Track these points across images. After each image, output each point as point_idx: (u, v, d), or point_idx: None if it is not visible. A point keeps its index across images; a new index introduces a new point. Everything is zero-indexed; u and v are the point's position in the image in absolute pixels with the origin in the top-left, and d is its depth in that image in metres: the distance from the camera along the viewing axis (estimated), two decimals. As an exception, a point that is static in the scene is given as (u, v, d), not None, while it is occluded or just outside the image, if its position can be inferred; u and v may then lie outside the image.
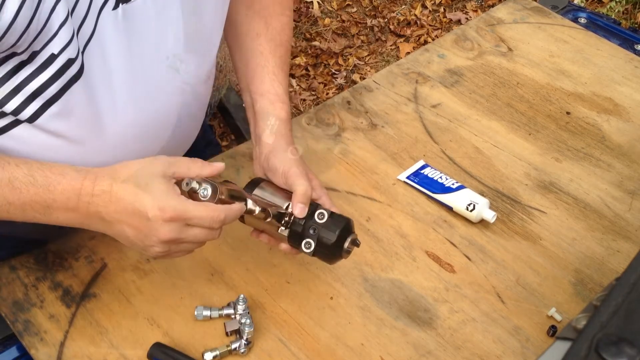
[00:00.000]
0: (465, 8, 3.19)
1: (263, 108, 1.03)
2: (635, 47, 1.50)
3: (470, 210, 1.12)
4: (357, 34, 3.04)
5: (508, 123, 1.31)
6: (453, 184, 1.16)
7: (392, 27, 3.06)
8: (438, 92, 1.37)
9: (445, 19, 3.13)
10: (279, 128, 1.01)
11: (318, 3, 3.13)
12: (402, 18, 3.10)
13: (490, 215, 1.11)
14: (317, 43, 2.95)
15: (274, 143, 1.00)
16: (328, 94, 2.75)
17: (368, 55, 2.94)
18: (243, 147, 1.25)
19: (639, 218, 1.14)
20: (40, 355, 0.93)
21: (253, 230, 0.97)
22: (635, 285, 0.71)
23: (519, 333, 0.99)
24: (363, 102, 1.34)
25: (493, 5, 2.75)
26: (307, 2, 3.13)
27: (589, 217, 1.15)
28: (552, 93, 1.38)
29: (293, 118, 1.21)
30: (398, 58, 2.88)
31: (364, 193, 1.17)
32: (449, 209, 1.14)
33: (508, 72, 1.42)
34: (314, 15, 3.08)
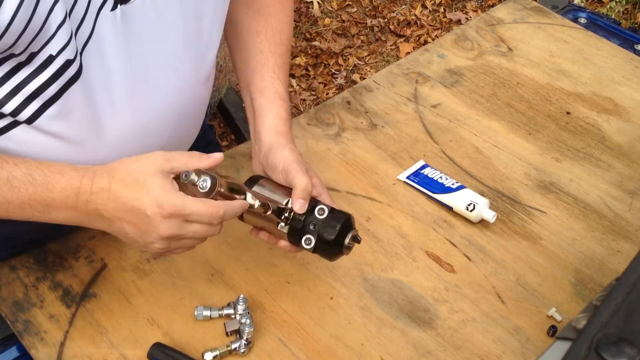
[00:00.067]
0: (465, 8, 3.19)
1: (263, 105, 1.02)
2: (635, 47, 1.50)
3: (470, 210, 1.12)
4: (357, 34, 3.03)
5: (508, 123, 1.31)
6: (453, 184, 1.15)
7: (392, 27, 3.06)
8: (438, 92, 1.37)
9: (445, 19, 3.12)
10: (279, 126, 1.00)
11: (318, 3, 3.13)
12: (402, 18, 3.10)
13: (490, 215, 1.11)
14: (317, 43, 2.95)
15: (274, 141, 0.99)
16: (328, 94, 2.75)
17: (368, 55, 2.94)
18: (243, 147, 1.25)
19: (639, 218, 1.14)
20: (40, 355, 0.93)
21: (252, 228, 0.97)
22: (635, 285, 0.70)
23: (519, 333, 0.99)
24: (363, 102, 1.34)
25: (493, 5, 2.75)
26: (307, 2, 3.13)
27: (589, 217, 1.15)
28: (552, 93, 1.38)
29: (293, 118, 1.21)
30: (398, 58, 2.88)
31: (364, 193, 1.17)
32: (449, 209, 1.14)
33: (508, 72, 1.42)
34: (314, 15, 3.08)
